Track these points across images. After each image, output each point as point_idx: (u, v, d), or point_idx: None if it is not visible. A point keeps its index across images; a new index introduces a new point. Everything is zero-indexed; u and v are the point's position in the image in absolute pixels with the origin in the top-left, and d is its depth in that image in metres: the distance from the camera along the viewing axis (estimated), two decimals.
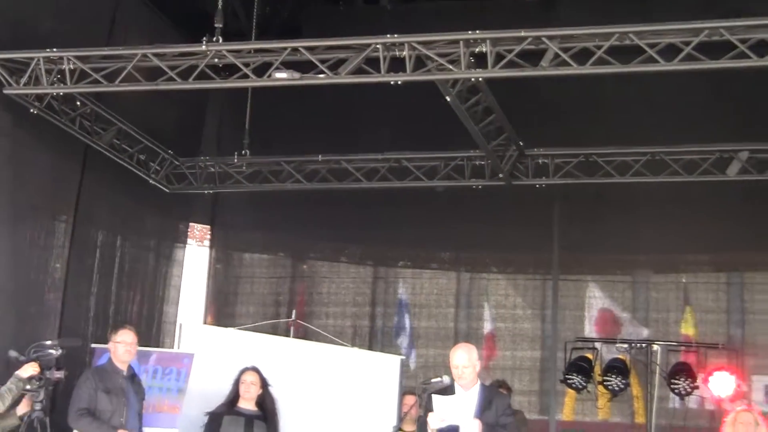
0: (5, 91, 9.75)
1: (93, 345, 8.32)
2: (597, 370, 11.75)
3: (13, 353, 7.76)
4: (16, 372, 7.60)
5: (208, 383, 9.26)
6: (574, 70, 8.73)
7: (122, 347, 8.04)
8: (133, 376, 8.17)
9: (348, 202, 12.72)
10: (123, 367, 8.05)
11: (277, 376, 9.15)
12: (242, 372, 8.92)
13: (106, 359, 8.34)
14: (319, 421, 9.83)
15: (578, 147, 11.65)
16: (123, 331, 8.16)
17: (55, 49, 9.54)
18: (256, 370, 8.92)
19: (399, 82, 9.09)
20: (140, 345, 9.63)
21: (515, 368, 12.87)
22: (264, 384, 8.92)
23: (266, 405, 8.90)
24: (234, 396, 8.87)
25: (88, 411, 7.75)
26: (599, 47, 8.55)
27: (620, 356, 11.90)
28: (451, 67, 8.94)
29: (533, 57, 8.83)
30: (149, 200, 12.68)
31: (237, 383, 8.88)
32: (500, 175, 11.63)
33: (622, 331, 12.79)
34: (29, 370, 7.56)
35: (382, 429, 8.22)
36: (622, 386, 11.60)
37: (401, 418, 9.34)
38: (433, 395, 7.19)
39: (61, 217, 11.18)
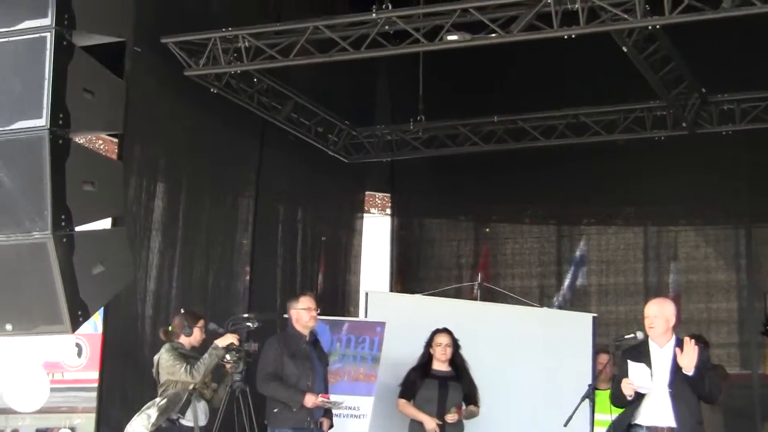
0: (186, 73, 9.94)
1: (285, 316, 8.49)
2: None
3: (212, 326, 8.04)
4: (215, 341, 7.83)
5: (398, 350, 9.32)
6: (759, 8, 8.28)
7: (306, 313, 8.15)
8: (315, 342, 8.27)
9: (527, 161, 12.55)
10: (305, 333, 8.16)
11: (468, 339, 9.13)
12: (434, 334, 8.93)
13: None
14: (513, 382, 9.80)
15: (766, 90, 11.16)
16: (305, 298, 8.29)
17: (230, 28, 9.70)
18: (447, 331, 8.93)
19: (573, 36, 8.87)
20: (327, 314, 9.77)
21: (711, 321, 12.45)
22: (455, 344, 8.92)
23: (458, 364, 8.90)
24: (427, 359, 8.89)
25: (275, 375, 7.91)
26: None
27: None
28: (626, 16, 8.64)
29: None
30: (327, 171, 12.78)
31: (429, 345, 8.91)
32: (683, 125, 11.26)
33: None
34: (229, 338, 7.79)
35: (578, 389, 8.07)
36: None
37: (596, 377, 9.21)
38: (628, 362, 7.01)
39: (244, 192, 11.40)
